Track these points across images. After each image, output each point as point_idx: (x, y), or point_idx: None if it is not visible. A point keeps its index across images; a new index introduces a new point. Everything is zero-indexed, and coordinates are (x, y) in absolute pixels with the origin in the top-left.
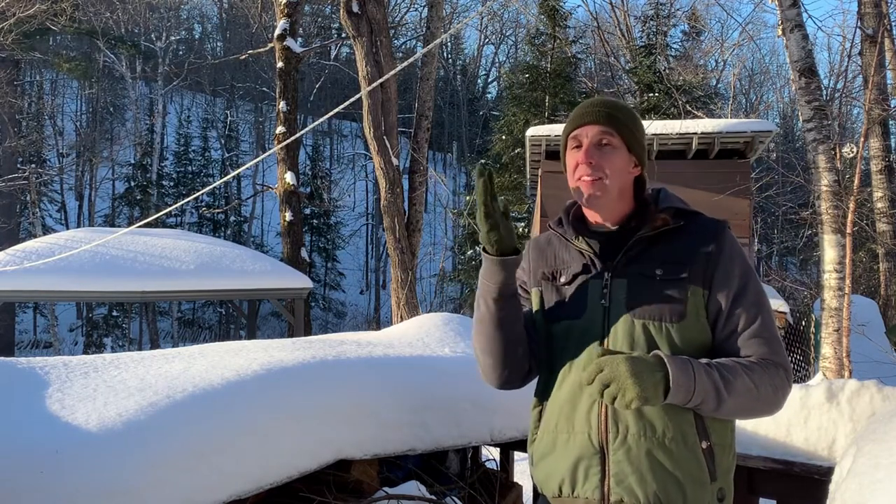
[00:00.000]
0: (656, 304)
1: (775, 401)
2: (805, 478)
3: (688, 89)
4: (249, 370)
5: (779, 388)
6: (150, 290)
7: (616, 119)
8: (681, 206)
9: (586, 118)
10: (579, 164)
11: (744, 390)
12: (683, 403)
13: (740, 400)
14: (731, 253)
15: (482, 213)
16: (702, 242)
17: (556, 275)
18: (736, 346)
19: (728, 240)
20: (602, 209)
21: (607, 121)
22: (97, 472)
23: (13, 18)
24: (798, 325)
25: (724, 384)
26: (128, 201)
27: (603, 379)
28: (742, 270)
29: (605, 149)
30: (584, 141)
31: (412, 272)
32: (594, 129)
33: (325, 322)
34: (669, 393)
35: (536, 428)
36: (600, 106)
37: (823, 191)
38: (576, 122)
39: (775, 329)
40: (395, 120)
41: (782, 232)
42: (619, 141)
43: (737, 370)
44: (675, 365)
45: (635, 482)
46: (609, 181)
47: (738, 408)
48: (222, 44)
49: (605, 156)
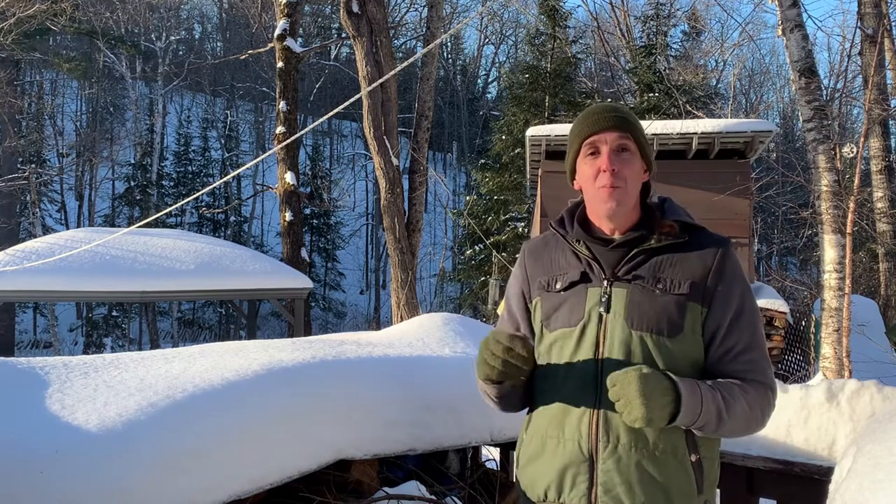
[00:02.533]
0: (655, 316)
1: (762, 421)
2: (805, 478)
3: (688, 89)
4: (249, 370)
5: (766, 409)
6: (150, 290)
7: (631, 124)
8: (686, 220)
9: (603, 124)
10: (601, 171)
11: (741, 412)
12: (687, 426)
13: (736, 422)
14: (732, 273)
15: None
16: (704, 259)
17: (551, 282)
18: (729, 365)
19: (730, 259)
20: (617, 219)
21: (624, 126)
22: (97, 473)
23: (13, 18)
24: (798, 325)
25: (726, 407)
26: (128, 201)
27: (613, 395)
28: (741, 291)
29: (623, 155)
30: (604, 148)
31: (412, 272)
32: (612, 136)
33: (325, 322)
34: (678, 417)
35: (526, 430)
36: (614, 111)
37: (823, 191)
38: (591, 127)
39: (766, 349)
40: (395, 120)
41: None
42: (634, 146)
43: (735, 393)
44: (686, 388)
45: (623, 492)
46: (629, 189)
47: (732, 429)
48: (222, 44)
49: (624, 162)
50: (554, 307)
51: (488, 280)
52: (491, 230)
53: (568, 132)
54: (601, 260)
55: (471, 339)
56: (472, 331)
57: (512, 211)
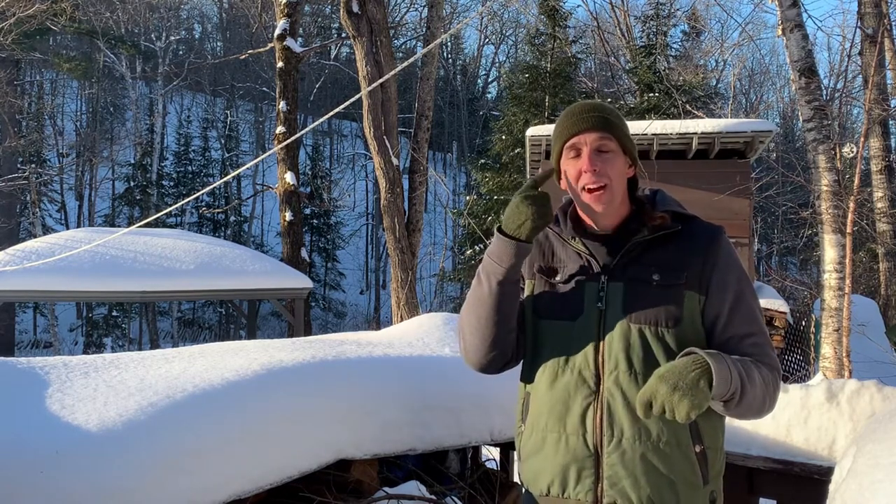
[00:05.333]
0: (652, 308)
1: (773, 400)
2: (805, 478)
3: (688, 89)
4: (249, 370)
5: (776, 389)
6: (150, 290)
7: (611, 123)
8: (678, 210)
9: (582, 125)
10: (583, 172)
11: (759, 383)
12: (724, 396)
13: (755, 394)
14: (727, 258)
15: (529, 188)
16: (698, 247)
17: (551, 272)
18: (734, 351)
19: (724, 245)
20: (606, 217)
21: (604, 126)
22: (97, 473)
23: (13, 18)
24: (798, 325)
25: (747, 375)
26: (128, 201)
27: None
28: (738, 276)
29: (605, 155)
30: (584, 149)
31: (412, 272)
32: (592, 136)
33: (325, 322)
34: (714, 385)
35: (522, 421)
36: (593, 111)
37: (823, 191)
38: (571, 129)
39: (767, 332)
40: (395, 120)
41: (782, 232)
42: (615, 145)
43: (749, 366)
44: (705, 353)
45: (629, 486)
46: (614, 187)
47: (750, 403)
48: (222, 44)
49: (606, 162)
50: (549, 296)
51: None
52: (491, 230)
53: None
54: (596, 255)
55: None
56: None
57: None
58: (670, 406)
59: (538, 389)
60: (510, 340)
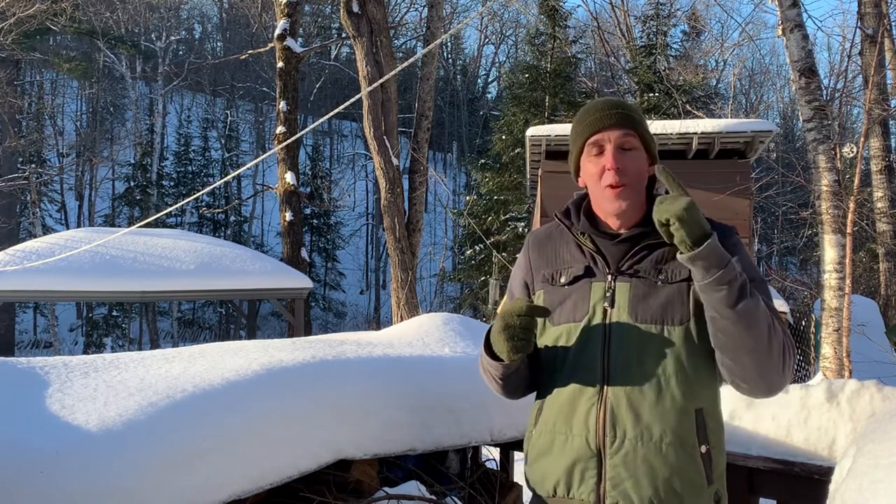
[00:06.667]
0: (659, 308)
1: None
2: (805, 478)
3: (688, 89)
4: (249, 370)
5: (787, 347)
6: (150, 290)
7: (633, 119)
8: None
9: (605, 121)
10: (607, 169)
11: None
12: (719, 267)
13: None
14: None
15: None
16: None
17: (555, 276)
18: None
19: (729, 239)
20: (624, 216)
21: (627, 122)
22: (97, 473)
23: (13, 18)
24: (798, 325)
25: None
26: (128, 201)
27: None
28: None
29: (628, 153)
30: (607, 146)
31: (412, 272)
32: (615, 133)
33: (325, 322)
34: (709, 241)
35: (534, 425)
36: (615, 108)
37: (823, 191)
38: (593, 126)
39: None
40: (395, 120)
41: (782, 232)
42: (638, 141)
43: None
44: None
45: (631, 487)
46: (635, 185)
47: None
48: (222, 44)
49: (629, 159)
50: (558, 301)
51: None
52: (491, 230)
53: (568, 132)
54: (606, 254)
55: (471, 339)
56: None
57: (512, 211)
58: (674, 209)
59: (550, 393)
60: (526, 384)
